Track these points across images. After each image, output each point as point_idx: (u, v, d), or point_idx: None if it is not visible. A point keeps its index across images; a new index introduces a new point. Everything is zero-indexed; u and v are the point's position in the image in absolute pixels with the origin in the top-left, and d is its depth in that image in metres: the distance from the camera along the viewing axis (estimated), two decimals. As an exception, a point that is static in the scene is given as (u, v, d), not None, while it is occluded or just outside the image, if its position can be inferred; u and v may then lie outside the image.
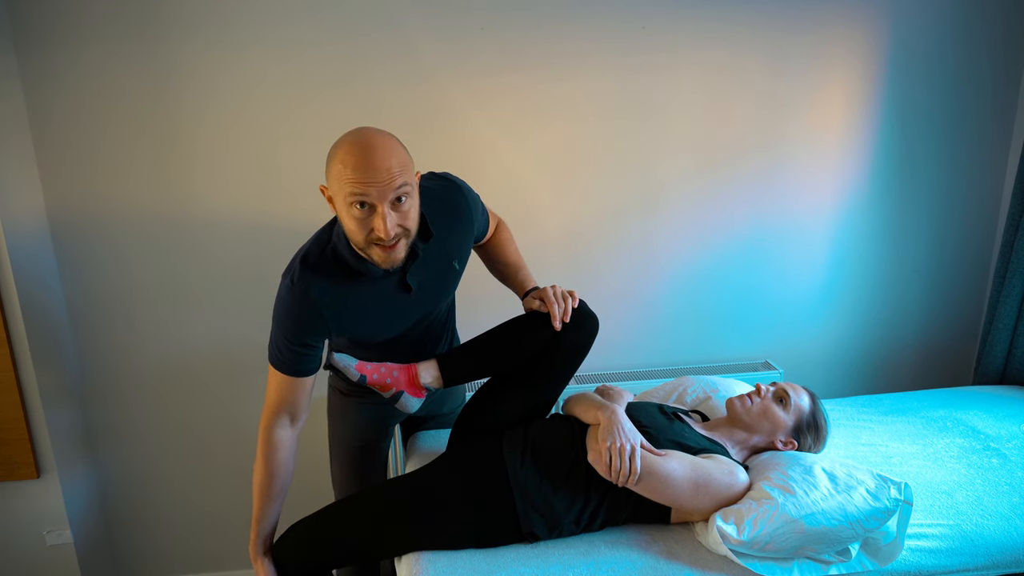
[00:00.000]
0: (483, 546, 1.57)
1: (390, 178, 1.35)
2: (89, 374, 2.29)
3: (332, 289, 1.50)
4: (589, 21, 2.19)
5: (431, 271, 1.57)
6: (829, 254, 2.56)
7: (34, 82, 2.03)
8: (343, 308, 1.52)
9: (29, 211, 2.07)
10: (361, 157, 1.34)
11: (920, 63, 2.40)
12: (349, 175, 1.34)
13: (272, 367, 1.56)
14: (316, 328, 1.52)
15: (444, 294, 1.68)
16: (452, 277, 1.65)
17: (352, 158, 1.34)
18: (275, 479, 1.61)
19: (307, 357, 1.55)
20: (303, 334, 1.52)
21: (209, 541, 2.53)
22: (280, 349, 1.53)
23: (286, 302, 1.50)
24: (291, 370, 1.55)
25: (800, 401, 1.77)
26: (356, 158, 1.34)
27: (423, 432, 1.99)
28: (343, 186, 1.35)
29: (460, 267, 1.65)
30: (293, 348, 1.52)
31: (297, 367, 1.55)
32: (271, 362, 1.56)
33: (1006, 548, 1.60)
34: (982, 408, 2.18)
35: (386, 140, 1.38)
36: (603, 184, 2.35)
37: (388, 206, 1.37)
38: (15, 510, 2.20)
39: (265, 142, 2.16)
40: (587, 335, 1.67)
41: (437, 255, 1.56)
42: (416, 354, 1.72)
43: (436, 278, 1.60)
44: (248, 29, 2.07)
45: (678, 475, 1.54)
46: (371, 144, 1.35)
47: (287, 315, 1.51)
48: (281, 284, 1.53)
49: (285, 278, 1.52)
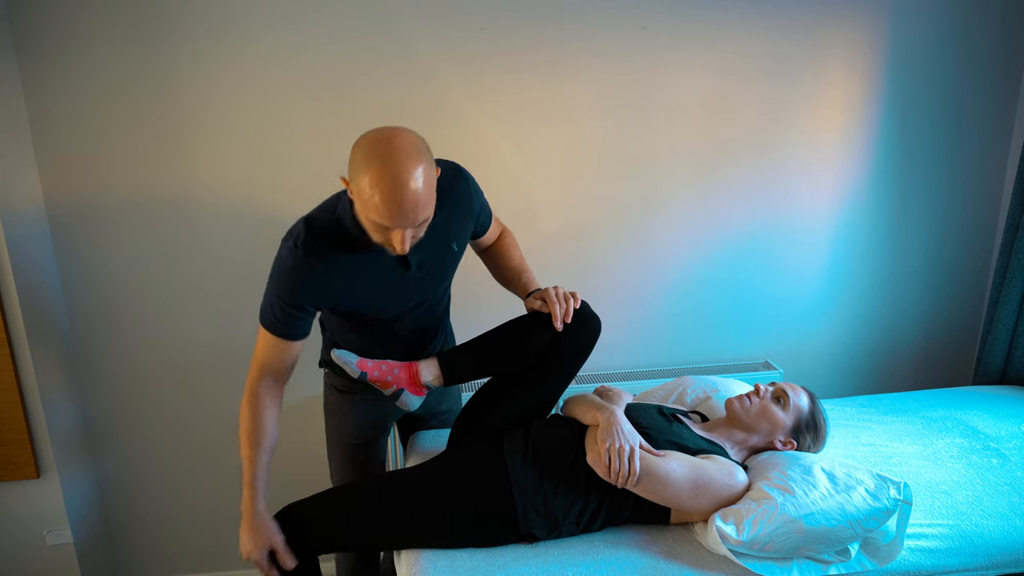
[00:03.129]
0: (483, 546, 1.57)
1: (415, 217, 1.38)
2: (89, 374, 2.29)
3: (333, 256, 1.52)
4: (589, 21, 2.19)
5: (430, 249, 1.59)
6: (829, 254, 2.56)
7: (34, 82, 2.03)
8: (342, 275, 1.54)
9: (29, 211, 2.07)
10: (391, 194, 1.34)
11: (920, 63, 2.40)
12: (377, 205, 1.36)
13: (262, 327, 1.59)
14: (312, 292, 1.54)
15: (441, 277, 1.70)
16: (450, 259, 1.67)
17: (383, 195, 1.35)
18: (264, 431, 1.60)
19: (299, 320, 1.57)
20: (298, 296, 1.54)
21: (209, 541, 2.53)
22: (273, 309, 1.56)
23: (286, 263, 1.53)
24: (282, 332, 1.57)
25: (799, 401, 1.77)
26: (386, 193, 1.34)
27: (423, 432, 1.99)
28: (368, 211, 1.38)
29: (459, 250, 1.68)
30: (287, 310, 1.55)
31: (288, 329, 1.57)
32: (262, 322, 1.59)
33: (1005, 548, 1.60)
34: (982, 408, 2.18)
35: (416, 179, 1.36)
36: (603, 184, 2.35)
37: (409, 231, 1.41)
38: (15, 510, 2.20)
39: (265, 143, 2.16)
40: (589, 336, 1.67)
41: (437, 234, 1.58)
42: (411, 348, 1.73)
43: (434, 257, 1.62)
44: (248, 30, 2.07)
45: (677, 475, 1.54)
46: (404, 187, 1.34)
47: (285, 276, 1.53)
48: (282, 246, 1.55)
49: (287, 241, 1.54)
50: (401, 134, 1.39)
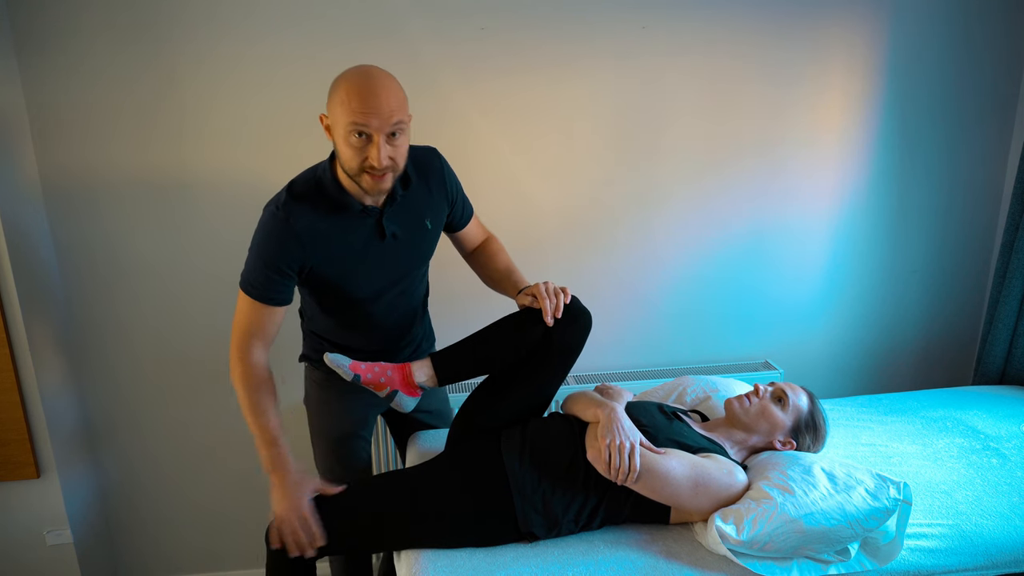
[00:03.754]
0: (482, 545, 1.57)
1: (390, 112, 1.45)
2: (89, 374, 2.29)
3: (314, 218, 1.57)
4: (589, 22, 2.19)
5: (405, 222, 1.65)
6: (829, 254, 2.56)
7: (34, 82, 2.03)
8: (321, 239, 1.58)
9: (29, 211, 2.08)
10: (366, 90, 1.44)
11: (920, 63, 2.40)
12: (353, 105, 1.44)
13: (243, 293, 1.61)
14: (294, 255, 1.57)
15: (417, 254, 1.73)
16: (425, 237, 1.71)
17: (357, 90, 1.44)
18: (266, 394, 1.62)
19: (281, 285, 1.59)
20: (279, 260, 1.57)
21: (209, 541, 2.53)
22: (254, 273, 1.59)
23: (268, 226, 1.57)
24: (262, 296, 1.59)
25: (798, 401, 1.77)
26: (361, 90, 1.44)
27: (422, 432, 1.99)
28: (345, 115, 1.45)
29: (432, 228, 1.72)
30: (268, 274, 1.58)
31: (269, 294, 1.59)
32: (242, 287, 1.61)
33: (1005, 548, 1.60)
34: (982, 408, 2.18)
35: (389, 78, 1.49)
36: (603, 184, 2.35)
37: (384, 138, 1.47)
38: (15, 510, 2.20)
39: (266, 144, 2.16)
40: (580, 330, 1.67)
41: (412, 207, 1.66)
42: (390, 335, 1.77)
43: (409, 233, 1.67)
44: (248, 32, 2.07)
45: (677, 473, 1.54)
46: (376, 79, 1.46)
47: (267, 239, 1.58)
48: (264, 211, 1.60)
49: (269, 206, 1.60)
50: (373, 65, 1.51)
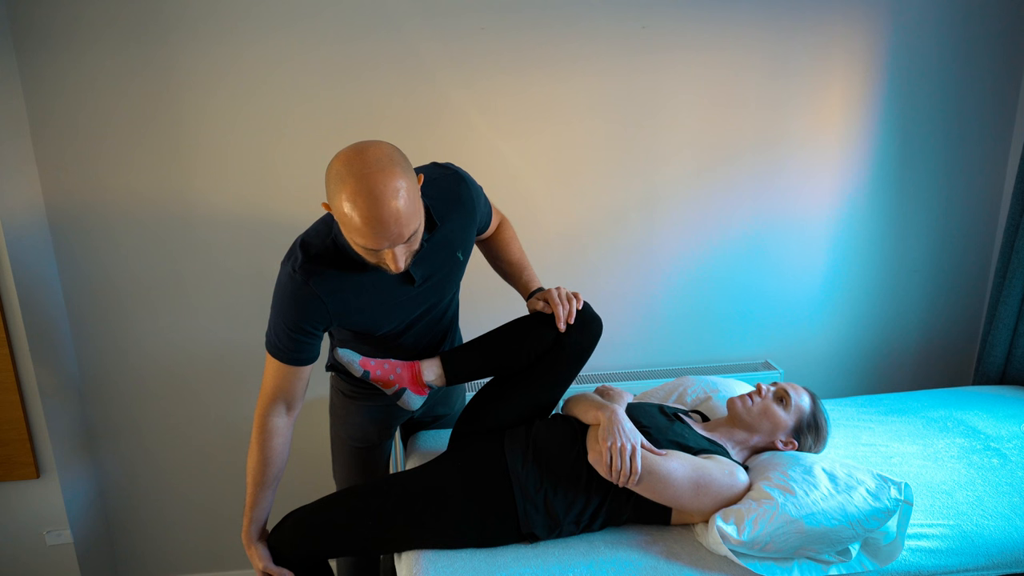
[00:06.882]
0: (483, 546, 1.57)
1: (399, 232, 1.30)
2: (89, 374, 2.29)
3: (334, 277, 1.48)
4: (589, 21, 2.19)
5: (435, 262, 1.57)
6: (829, 254, 2.56)
7: (34, 82, 2.03)
8: (344, 295, 1.51)
9: (29, 211, 2.07)
10: (369, 210, 1.27)
11: (920, 63, 2.40)
12: (359, 227, 1.29)
13: (269, 355, 1.55)
14: (317, 316, 1.50)
15: (447, 286, 1.66)
16: (455, 268, 1.64)
17: (360, 210, 1.27)
18: (270, 466, 1.60)
19: (306, 345, 1.53)
20: (303, 321, 1.50)
21: (209, 541, 2.53)
22: (279, 336, 1.52)
23: (287, 289, 1.49)
24: (289, 358, 1.54)
25: (800, 401, 1.77)
26: (364, 210, 1.27)
27: (423, 432, 1.99)
28: (351, 233, 1.32)
29: (464, 258, 1.64)
30: (292, 336, 1.51)
31: (295, 355, 1.53)
32: (268, 350, 1.55)
33: (1006, 548, 1.60)
34: (982, 408, 2.18)
35: (392, 186, 1.28)
36: (603, 184, 2.35)
37: (399, 248, 1.35)
38: (15, 510, 2.20)
39: (266, 144, 2.16)
40: (591, 337, 1.67)
41: (441, 245, 1.56)
42: (419, 353, 1.71)
43: (439, 269, 1.60)
44: (248, 31, 2.07)
45: (679, 475, 1.54)
46: (380, 195, 1.26)
47: (287, 302, 1.49)
48: (281, 271, 1.51)
49: (285, 265, 1.50)
50: (372, 147, 1.31)
